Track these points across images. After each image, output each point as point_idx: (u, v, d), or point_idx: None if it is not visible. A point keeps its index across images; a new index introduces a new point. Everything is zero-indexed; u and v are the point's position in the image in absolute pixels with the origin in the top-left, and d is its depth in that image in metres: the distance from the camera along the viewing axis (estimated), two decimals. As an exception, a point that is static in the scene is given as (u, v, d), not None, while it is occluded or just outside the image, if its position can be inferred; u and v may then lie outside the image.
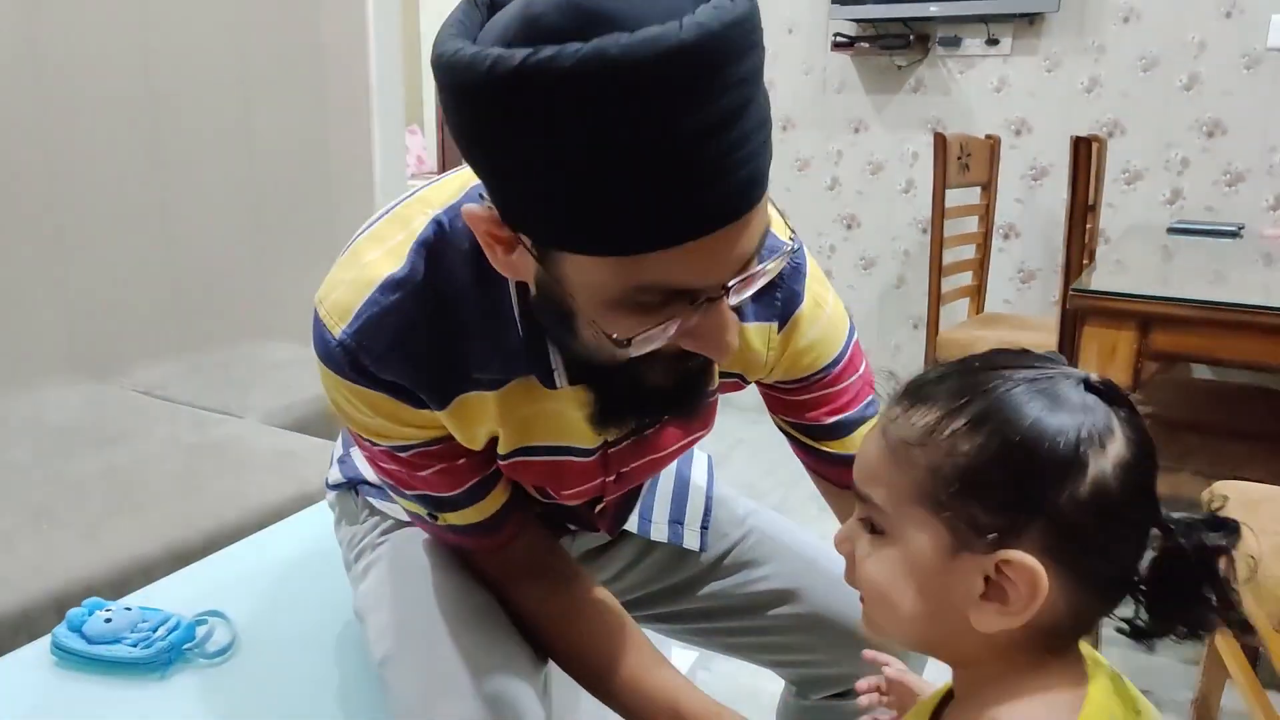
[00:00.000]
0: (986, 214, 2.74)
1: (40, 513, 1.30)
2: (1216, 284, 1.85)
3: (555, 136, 0.50)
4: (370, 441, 0.77)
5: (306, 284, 2.64)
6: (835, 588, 0.94)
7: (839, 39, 2.92)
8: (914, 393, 0.56)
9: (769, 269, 0.60)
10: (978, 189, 2.73)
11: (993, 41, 2.78)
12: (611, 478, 0.85)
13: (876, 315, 3.13)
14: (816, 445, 0.87)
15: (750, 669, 1.07)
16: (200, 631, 0.97)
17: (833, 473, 0.88)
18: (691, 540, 1.01)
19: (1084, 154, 1.73)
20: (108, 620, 0.97)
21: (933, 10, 2.73)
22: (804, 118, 3.12)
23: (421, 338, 0.69)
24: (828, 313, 0.81)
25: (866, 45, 2.89)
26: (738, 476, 2.61)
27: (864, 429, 0.85)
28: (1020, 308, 2.91)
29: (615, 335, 0.59)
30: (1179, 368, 2.27)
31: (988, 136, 2.74)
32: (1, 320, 1.86)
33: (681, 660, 1.50)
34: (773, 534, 1.04)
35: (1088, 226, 1.84)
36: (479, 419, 0.75)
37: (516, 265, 0.62)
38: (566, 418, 0.76)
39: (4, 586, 1.14)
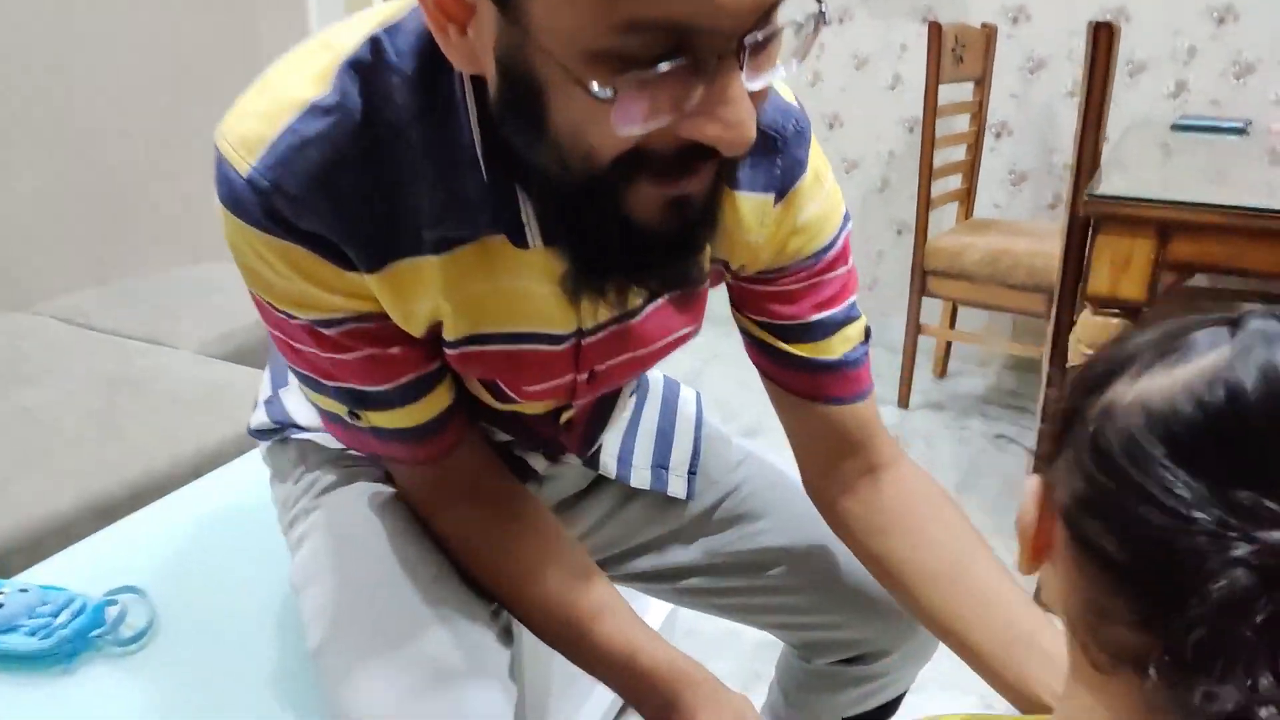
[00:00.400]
0: (979, 111, 2.56)
1: None
2: (1226, 183, 1.72)
3: None
4: (287, 314, 0.62)
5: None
6: (843, 545, 0.83)
7: (823, -83, 2.67)
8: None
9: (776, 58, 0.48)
10: (970, 84, 2.55)
11: (989, -81, 2.56)
12: (584, 375, 0.72)
13: (859, 220, 2.98)
14: (788, 347, 0.74)
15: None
16: (111, 613, 0.84)
17: (799, 381, 0.76)
18: (677, 487, 0.89)
19: (1104, 41, 1.56)
20: (0, 604, 0.83)
21: (925, -116, 2.50)
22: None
23: (352, 178, 0.56)
24: (827, 189, 0.71)
25: (853, -76, 2.65)
26: (710, 392, 2.49)
27: (847, 331, 0.74)
28: (1010, 212, 2.76)
29: (619, 112, 0.45)
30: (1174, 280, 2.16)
31: (984, 25, 2.55)
32: None
33: (655, 616, 1.40)
34: (772, 481, 0.92)
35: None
36: (420, 292, 0.61)
37: (474, 47, 0.50)
38: (532, 295, 0.63)
39: None
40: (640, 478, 0.88)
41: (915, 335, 2.44)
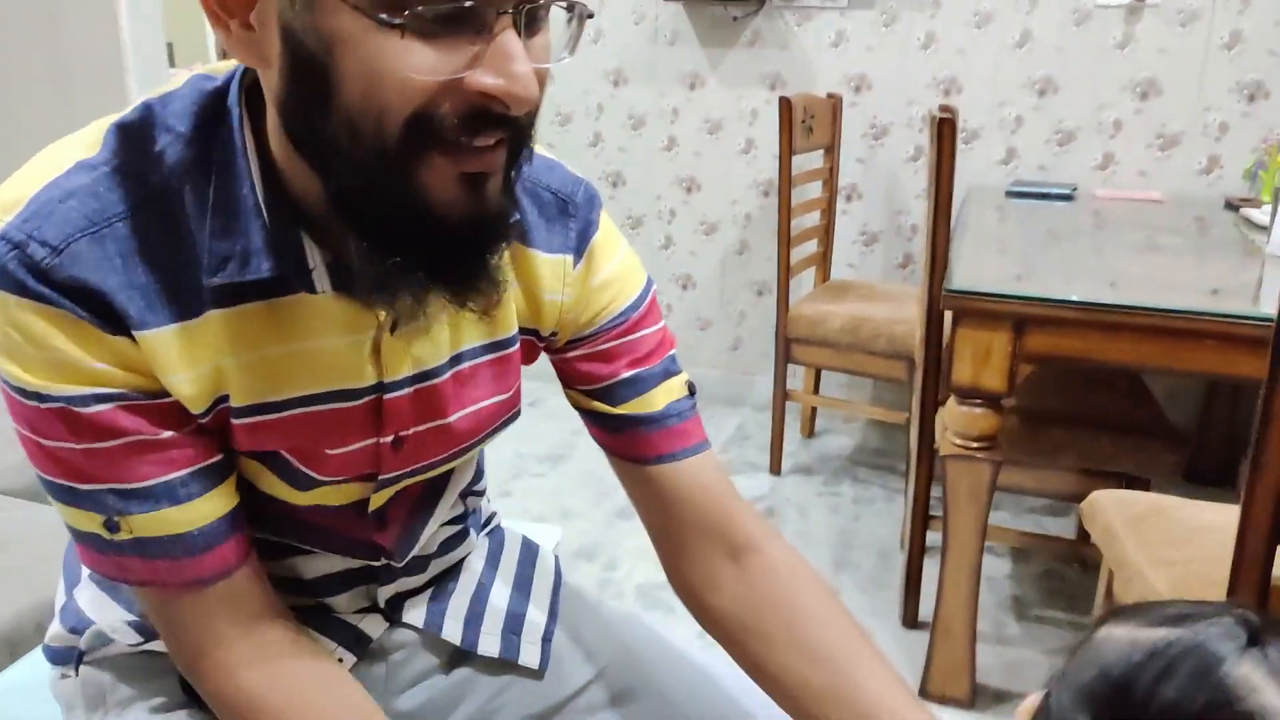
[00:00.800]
0: (830, 177, 2.63)
1: None
2: (1051, 245, 1.82)
3: None
4: (38, 395, 0.54)
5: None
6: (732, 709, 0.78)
7: (670, -12, 2.70)
8: None
9: (549, 44, 0.53)
10: (821, 152, 2.61)
11: (829, -7, 2.64)
12: (388, 438, 0.64)
13: (719, 282, 3.00)
14: (614, 410, 0.72)
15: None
16: None
17: (630, 444, 0.73)
18: (530, 655, 0.80)
19: (948, 134, 1.61)
20: None
21: (767, -42, 2.56)
22: (636, 72, 2.90)
23: (121, 229, 0.54)
24: (623, 251, 0.73)
25: (700, -5, 2.69)
26: (579, 466, 2.44)
27: (669, 384, 0.73)
28: (864, 272, 2.85)
29: (403, 59, 0.48)
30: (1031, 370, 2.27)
31: (829, 95, 2.62)
32: None
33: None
34: (655, 649, 0.85)
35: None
36: (202, 354, 0.56)
37: (257, 38, 0.51)
38: (325, 350, 0.60)
39: None
40: (488, 644, 0.79)
41: (783, 403, 2.46)
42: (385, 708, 0.75)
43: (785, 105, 2.27)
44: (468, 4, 0.47)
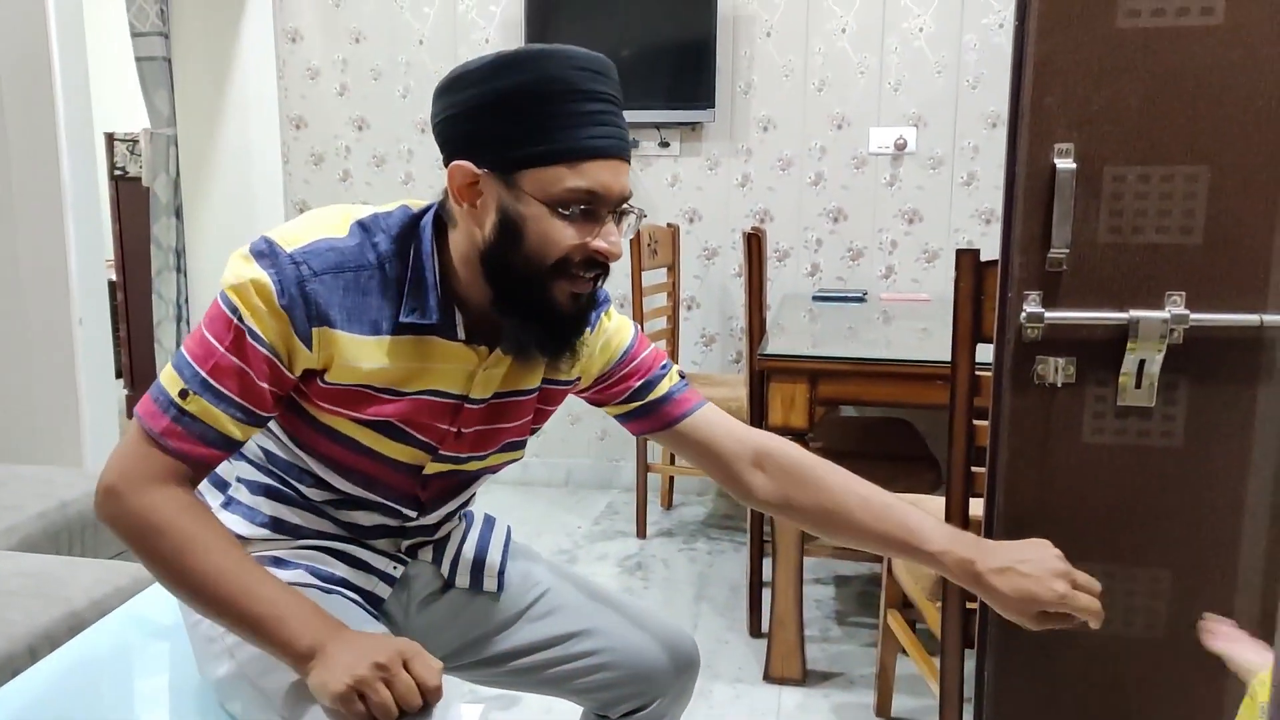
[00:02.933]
0: (673, 290, 3.18)
1: None
2: (854, 340, 2.37)
3: (529, 88, 0.91)
4: (239, 319, 0.92)
5: (4, 398, 2.56)
6: (621, 623, 1.20)
7: (534, 139, 3.25)
8: None
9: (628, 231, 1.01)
10: (664, 269, 3.16)
11: (665, 144, 3.26)
12: (455, 430, 1.03)
13: (585, 383, 3.45)
14: (640, 403, 1.15)
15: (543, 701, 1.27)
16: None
17: (656, 419, 1.16)
18: (490, 585, 1.20)
19: (755, 246, 2.16)
20: None
21: (613, 116, 3.15)
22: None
23: (348, 276, 0.95)
24: (618, 318, 1.17)
25: (558, 145, 3.24)
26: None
27: (670, 375, 1.17)
28: (706, 367, 3.38)
29: (555, 231, 0.92)
30: (832, 409, 2.81)
31: (669, 225, 3.19)
32: None
33: (470, 712, 1.65)
34: (571, 583, 1.26)
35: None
36: (378, 354, 0.97)
37: (479, 211, 0.95)
38: (444, 370, 1.00)
39: None
40: (463, 580, 1.19)
41: (645, 472, 2.89)
42: (407, 624, 1.16)
43: (635, 233, 2.80)
44: (592, 207, 0.93)
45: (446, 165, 0.95)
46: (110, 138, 4.05)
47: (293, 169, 3.54)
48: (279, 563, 1.06)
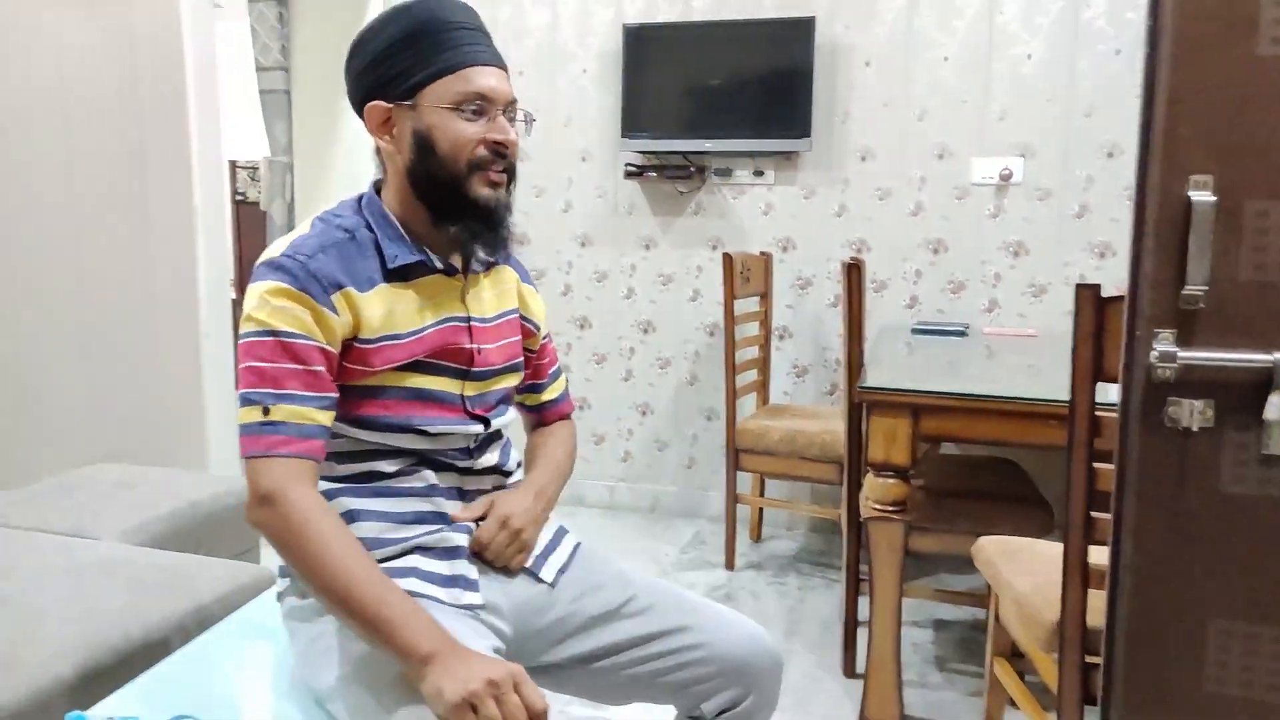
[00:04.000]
0: (765, 319, 3.15)
1: None
2: (955, 375, 2.29)
3: (405, 31, 1.11)
4: (272, 334, 1.04)
5: (138, 405, 2.69)
6: (713, 618, 1.20)
7: (630, 169, 3.28)
8: None
9: (521, 132, 1.19)
10: (756, 298, 3.14)
11: (759, 173, 3.25)
12: (476, 348, 1.19)
13: (674, 409, 3.44)
14: (540, 398, 1.38)
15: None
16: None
17: (547, 415, 1.40)
18: (548, 574, 1.22)
19: (856, 276, 2.12)
20: None
21: (708, 146, 3.16)
22: (600, 236, 3.44)
23: (333, 250, 1.10)
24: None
25: (654, 174, 3.27)
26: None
27: (563, 377, 1.42)
28: (798, 398, 3.33)
29: (459, 128, 1.11)
30: (934, 446, 2.73)
31: (762, 253, 3.17)
32: None
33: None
34: (658, 587, 1.25)
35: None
36: (381, 301, 1.10)
37: (398, 138, 1.13)
38: (440, 300, 1.16)
39: None
40: (536, 565, 1.22)
41: (734, 503, 2.85)
42: (512, 633, 1.18)
43: (728, 259, 2.79)
44: (484, 105, 1.12)
45: (361, 116, 1.15)
46: (233, 165, 4.25)
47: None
48: (387, 566, 1.11)
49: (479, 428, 1.20)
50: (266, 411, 1.03)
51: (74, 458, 2.28)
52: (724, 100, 3.15)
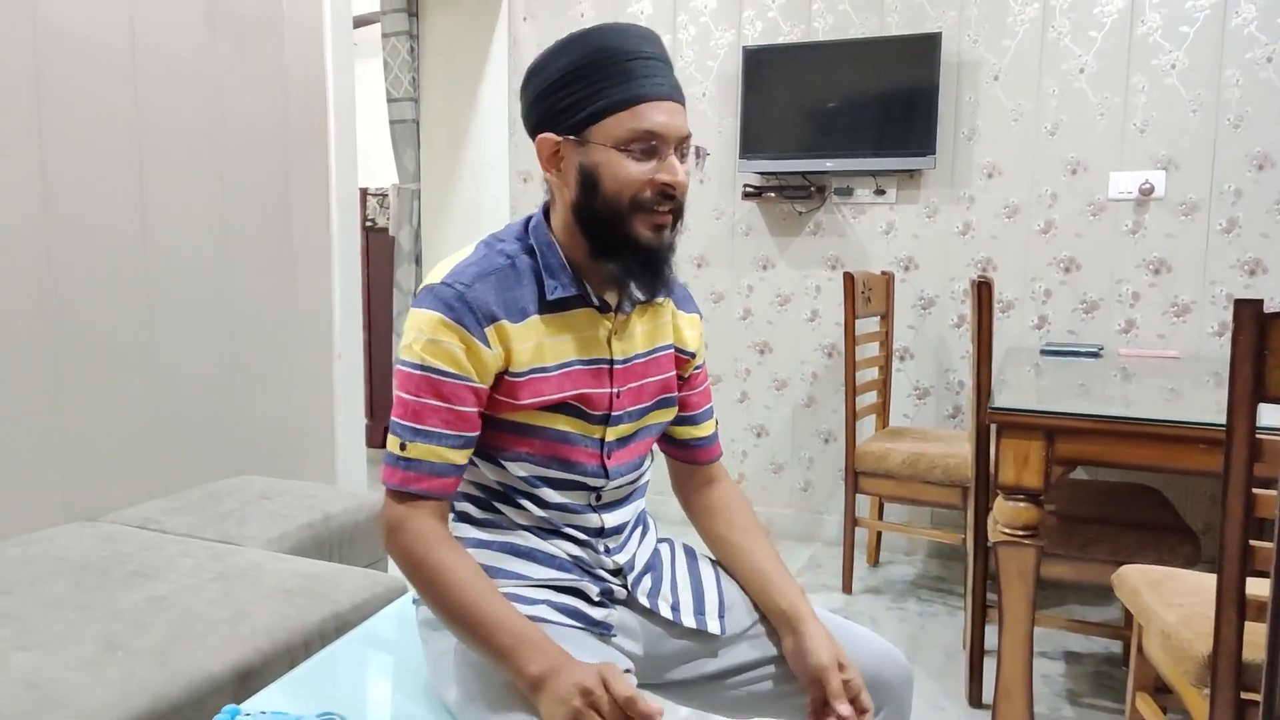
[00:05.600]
0: (886, 339, 3.09)
1: (112, 644, 1.37)
2: (1088, 398, 2.19)
3: (579, 63, 1.07)
4: (423, 368, 1.05)
5: (276, 421, 2.84)
6: (849, 640, 1.18)
7: (748, 189, 3.29)
8: None
9: (692, 168, 1.13)
10: (877, 318, 3.08)
11: (880, 192, 3.20)
12: (616, 391, 1.15)
13: (790, 432, 3.41)
14: (688, 434, 1.30)
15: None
16: (328, 729, 1.07)
17: (694, 454, 1.32)
18: (714, 626, 1.20)
19: (985, 295, 2.06)
20: None
21: (828, 165, 3.14)
22: (716, 257, 3.45)
23: (492, 279, 1.09)
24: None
25: (772, 195, 3.26)
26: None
27: (712, 418, 1.34)
28: (918, 421, 3.24)
29: (626, 167, 1.06)
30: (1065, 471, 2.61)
31: (883, 273, 3.12)
32: (5, 469, 1.90)
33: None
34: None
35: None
36: (533, 334, 1.09)
37: (565, 171, 1.10)
38: (587, 338, 1.14)
39: (107, 707, 1.23)
40: (688, 620, 1.20)
41: (853, 527, 2.80)
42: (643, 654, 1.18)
43: (849, 279, 2.76)
44: (655, 144, 1.07)
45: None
46: (363, 192, 4.47)
47: (520, 217, 3.76)
48: (518, 599, 1.12)
49: (603, 481, 1.16)
50: (403, 447, 1.06)
51: (217, 470, 2.43)
52: (845, 119, 3.12)
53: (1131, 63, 2.91)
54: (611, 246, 1.09)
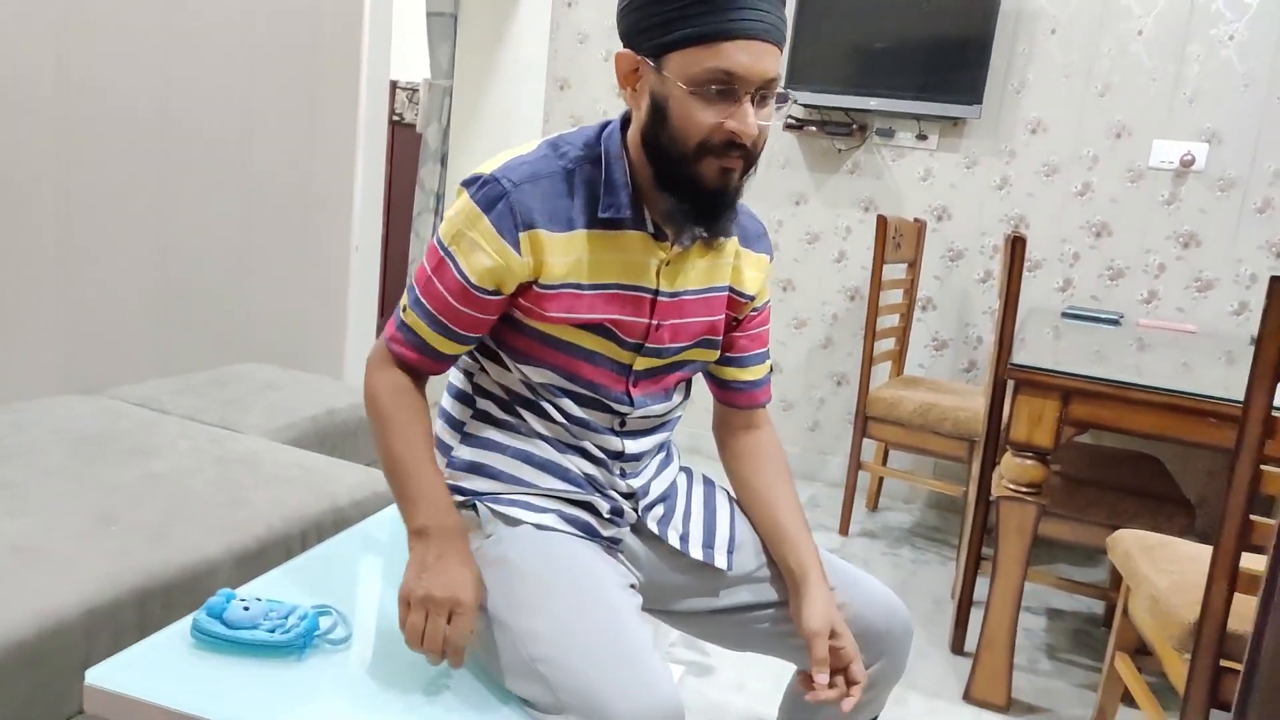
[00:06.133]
0: (911, 288, 3.09)
1: (106, 518, 1.38)
2: (1101, 364, 2.21)
3: None
4: (447, 254, 1.06)
5: (287, 310, 2.86)
6: (855, 588, 1.20)
7: (790, 121, 3.25)
8: None
9: (771, 114, 1.04)
10: (904, 265, 3.07)
11: (922, 137, 3.16)
12: (655, 323, 1.12)
13: (804, 371, 3.43)
14: (734, 376, 1.26)
15: (737, 675, 1.28)
16: (324, 622, 1.11)
17: (736, 397, 1.28)
18: (721, 561, 1.21)
19: (1019, 251, 2.06)
20: (245, 609, 1.09)
21: (873, 104, 3.09)
22: (750, 189, 3.41)
23: (545, 182, 1.05)
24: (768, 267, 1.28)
25: (814, 129, 3.22)
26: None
27: (768, 362, 1.29)
28: (933, 372, 3.26)
29: (694, 110, 0.99)
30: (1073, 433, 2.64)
31: (915, 220, 3.10)
32: (3, 331, 1.91)
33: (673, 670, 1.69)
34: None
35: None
36: (575, 248, 1.06)
37: (639, 94, 1.04)
38: (636, 263, 1.10)
39: (97, 579, 1.23)
40: (696, 551, 1.22)
41: (856, 470, 2.85)
42: (643, 573, 1.22)
43: (882, 222, 2.75)
44: (732, 89, 0.98)
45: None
46: (393, 85, 4.40)
47: (552, 127, 3.72)
48: (529, 506, 1.13)
49: (627, 409, 1.15)
50: (404, 310, 1.10)
51: (223, 354, 2.44)
52: (894, 60, 3.07)
53: (1190, 30, 2.84)
54: (675, 182, 1.04)
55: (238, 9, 2.31)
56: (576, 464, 1.16)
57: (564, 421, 1.14)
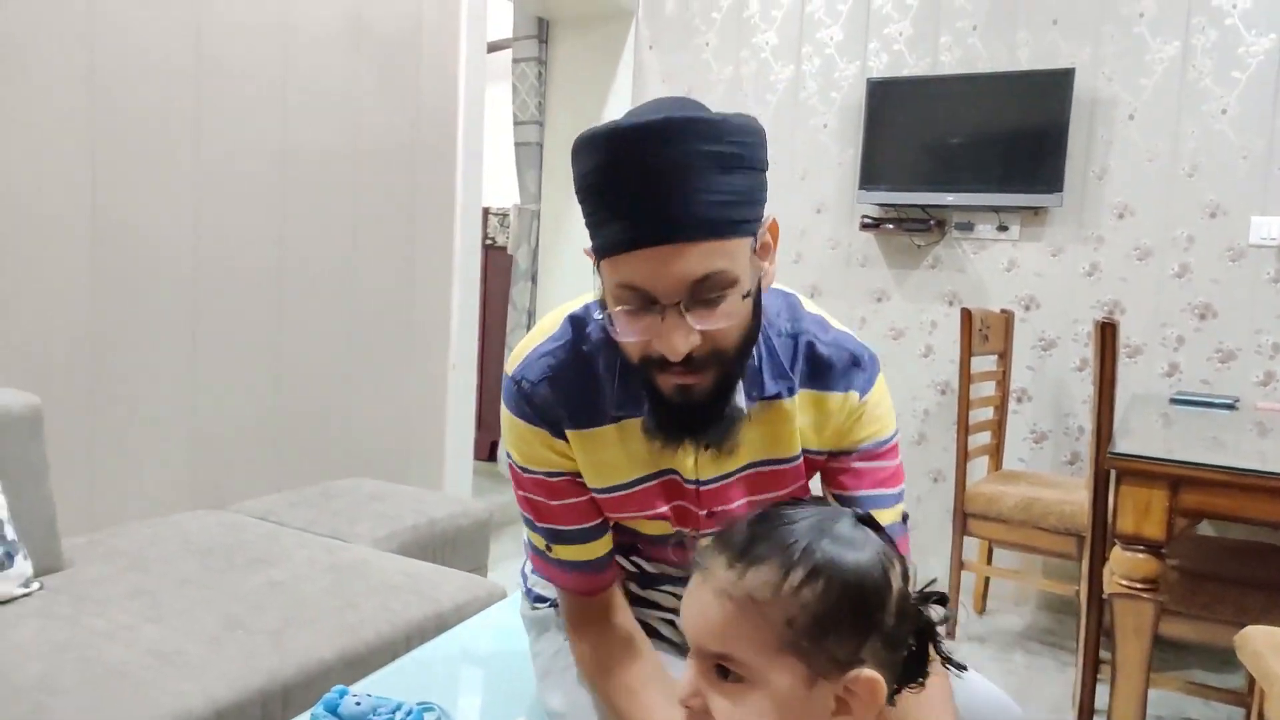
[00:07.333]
0: (1003, 379, 3.01)
1: (233, 623, 1.47)
2: (1220, 450, 2.08)
3: (578, 183, 0.85)
4: (527, 470, 1.01)
5: (390, 426, 2.99)
6: (960, 685, 1.11)
7: (866, 220, 3.27)
8: (739, 554, 0.66)
9: (729, 311, 0.83)
10: (994, 357, 3.01)
11: (1003, 228, 3.13)
12: (705, 512, 1.02)
13: (898, 469, 3.34)
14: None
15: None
16: (428, 718, 1.13)
17: None
18: None
19: (1109, 336, 1.99)
20: (357, 704, 1.12)
21: (949, 199, 3.09)
22: (830, 287, 3.43)
23: (566, 376, 0.96)
24: (888, 402, 1.04)
25: (891, 226, 3.23)
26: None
27: (896, 508, 1.01)
28: (1034, 465, 3.14)
29: (616, 327, 0.85)
30: (1187, 525, 2.48)
31: (1002, 311, 3.04)
32: (141, 454, 2.06)
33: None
34: None
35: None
36: (604, 445, 0.98)
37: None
38: (675, 455, 0.98)
39: (226, 680, 1.32)
40: None
41: (959, 570, 2.73)
42: None
43: (966, 314, 2.71)
44: (649, 299, 0.82)
45: None
46: (485, 211, 4.64)
47: (634, 242, 3.83)
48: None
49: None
50: (549, 549, 1.05)
51: (332, 470, 2.56)
52: (969, 154, 3.08)
53: (1279, 105, 2.78)
54: (648, 392, 0.91)
55: (343, 155, 2.50)
56: (654, 598, 1.16)
57: (637, 573, 1.14)
